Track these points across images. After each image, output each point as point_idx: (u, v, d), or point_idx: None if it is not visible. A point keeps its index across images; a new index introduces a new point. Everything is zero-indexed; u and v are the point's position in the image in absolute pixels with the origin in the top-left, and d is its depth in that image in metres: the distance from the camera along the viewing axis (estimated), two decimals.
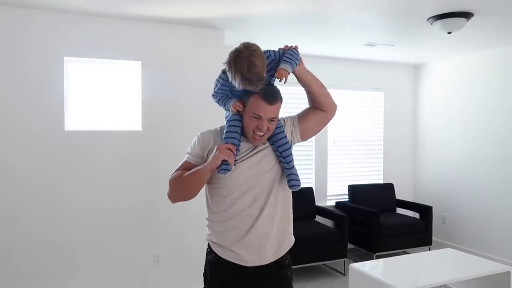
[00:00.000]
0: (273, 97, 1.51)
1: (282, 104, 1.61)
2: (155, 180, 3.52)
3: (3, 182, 3.14)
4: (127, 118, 3.58)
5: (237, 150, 1.56)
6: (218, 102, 1.66)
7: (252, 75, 1.43)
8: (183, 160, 1.68)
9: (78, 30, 3.31)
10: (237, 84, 1.47)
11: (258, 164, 1.61)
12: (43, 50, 3.22)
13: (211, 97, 1.69)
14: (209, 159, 1.55)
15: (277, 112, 1.55)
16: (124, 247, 3.49)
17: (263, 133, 1.55)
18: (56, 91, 3.26)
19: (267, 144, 1.64)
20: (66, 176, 3.30)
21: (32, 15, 3.17)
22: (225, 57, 1.52)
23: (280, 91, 1.60)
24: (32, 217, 3.21)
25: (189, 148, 1.68)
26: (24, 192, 3.19)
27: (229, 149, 1.51)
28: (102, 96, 3.49)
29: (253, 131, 1.55)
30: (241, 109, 1.57)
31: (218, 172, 1.52)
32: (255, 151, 1.62)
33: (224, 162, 1.51)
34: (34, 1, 3.00)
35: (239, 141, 1.58)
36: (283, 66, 1.53)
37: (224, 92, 1.62)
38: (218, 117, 3.64)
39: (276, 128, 1.61)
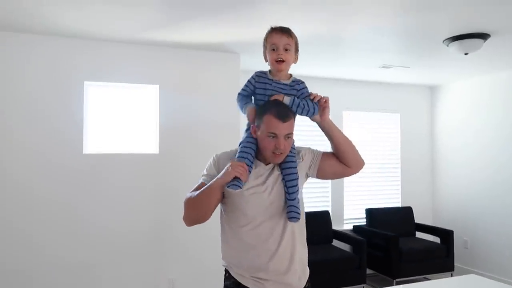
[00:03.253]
0: (285, 114, 1.54)
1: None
2: (171, 203, 3.52)
3: (22, 204, 3.18)
4: (145, 141, 3.62)
5: (249, 171, 1.54)
6: (238, 101, 1.70)
7: (281, 27, 1.64)
8: (199, 182, 1.66)
9: (98, 56, 3.41)
10: (266, 34, 1.65)
11: (275, 192, 1.58)
12: (64, 75, 3.31)
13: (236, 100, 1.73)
14: (220, 173, 1.53)
15: (291, 128, 1.56)
16: (139, 270, 3.47)
17: (281, 152, 1.55)
18: (75, 114, 3.34)
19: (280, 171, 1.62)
20: (83, 198, 3.33)
21: (54, 41, 3.28)
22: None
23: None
24: (49, 238, 3.23)
25: (205, 170, 1.67)
26: (42, 213, 3.22)
27: (242, 166, 1.50)
28: (121, 119, 3.56)
29: (272, 151, 1.54)
30: (254, 119, 1.59)
31: (228, 187, 1.49)
32: (272, 178, 1.59)
33: (236, 178, 1.50)
34: (55, 27, 3.12)
35: (252, 162, 1.57)
36: (286, 97, 1.60)
37: (246, 93, 1.68)
38: (234, 141, 3.66)
39: (288, 156, 1.59)
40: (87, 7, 2.69)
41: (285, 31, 1.64)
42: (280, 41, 1.62)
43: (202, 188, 1.56)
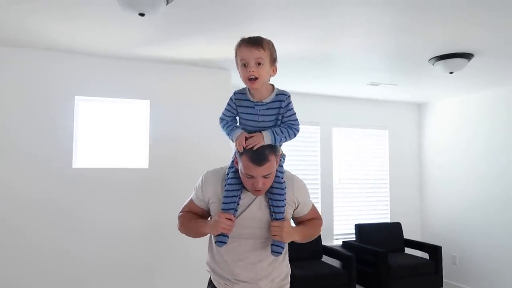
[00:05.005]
0: (262, 158, 1.44)
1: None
2: (160, 218, 3.50)
3: (11, 217, 3.14)
4: (135, 156, 3.62)
5: (234, 214, 1.54)
6: (223, 127, 1.61)
7: (250, 38, 1.46)
8: (190, 198, 1.71)
9: (89, 71, 3.42)
10: (236, 48, 1.49)
11: (257, 217, 1.58)
12: (55, 90, 3.31)
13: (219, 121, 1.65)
14: (211, 223, 1.56)
15: (270, 169, 1.47)
16: (128, 284, 3.42)
17: (260, 189, 1.51)
18: (66, 129, 3.33)
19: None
20: (73, 212, 3.30)
21: (45, 56, 3.30)
22: None
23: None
24: (41, 253, 3.18)
25: (195, 186, 1.69)
26: (31, 228, 3.18)
27: (229, 219, 1.50)
28: (111, 134, 3.55)
29: (252, 188, 1.52)
30: (244, 146, 1.48)
31: (215, 242, 1.56)
32: (255, 204, 1.58)
33: (222, 233, 1.53)
34: (47, 42, 3.13)
35: (237, 205, 1.55)
36: (266, 135, 1.48)
37: (230, 117, 1.60)
38: (224, 156, 3.69)
39: (275, 188, 1.55)
40: (79, 22, 2.72)
41: (254, 43, 1.45)
42: (250, 55, 1.45)
43: (195, 224, 1.64)
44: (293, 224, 1.69)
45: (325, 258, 4.71)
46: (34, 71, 3.27)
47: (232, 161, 1.59)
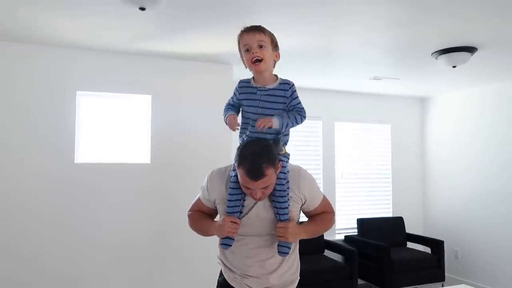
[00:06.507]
0: (258, 174, 1.40)
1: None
2: (163, 212, 3.50)
3: (14, 215, 3.15)
4: (136, 151, 3.62)
5: (239, 216, 1.55)
6: (223, 112, 1.64)
7: (251, 25, 1.52)
8: (197, 196, 1.73)
9: (91, 65, 3.41)
10: (238, 37, 1.56)
11: (263, 215, 1.58)
12: (56, 85, 3.31)
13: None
14: (216, 226, 1.58)
15: (268, 182, 1.44)
16: (134, 281, 3.43)
17: (259, 198, 1.50)
18: (67, 124, 3.33)
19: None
20: (74, 207, 3.31)
21: (47, 51, 3.29)
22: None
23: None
24: (43, 249, 3.19)
25: (202, 185, 1.70)
26: (34, 224, 3.19)
27: (234, 222, 1.52)
28: (113, 129, 3.55)
29: (250, 196, 1.52)
30: (236, 126, 1.55)
31: (221, 244, 1.58)
32: (258, 206, 1.58)
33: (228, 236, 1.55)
34: (48, 37, 3.12)
35: (242, 207, 1.55)
36: (275, 120, 1.48)
37: (232, 104, 1.63)
38: (226, 151, 3.69)
39: (277, 190, 1.52)
40: (80, 17, 2.71)
41: (255, 28, 1.54)
42: (253, 38, 1.52)
43: (202, 224, 1.68)
44: (304, 218, 1.69)
45: (327, 253, 4.72)
46: (36, 66, 3.26)
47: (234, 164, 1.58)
